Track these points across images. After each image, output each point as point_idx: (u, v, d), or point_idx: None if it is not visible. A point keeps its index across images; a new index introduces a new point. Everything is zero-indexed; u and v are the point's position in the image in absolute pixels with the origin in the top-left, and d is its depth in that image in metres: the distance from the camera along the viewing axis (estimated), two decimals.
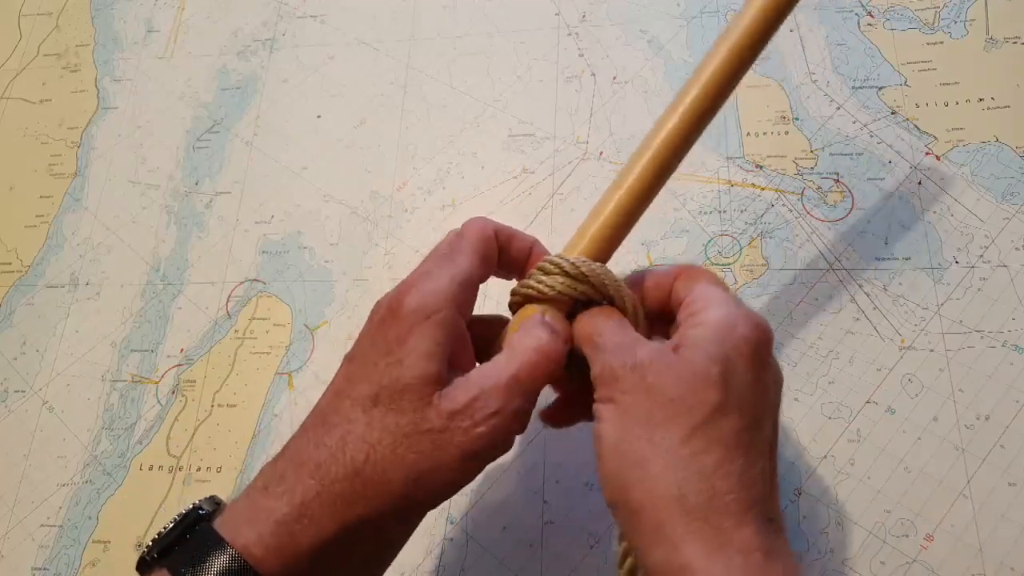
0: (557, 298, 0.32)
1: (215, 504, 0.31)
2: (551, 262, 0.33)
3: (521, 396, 0.30)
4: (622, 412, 0.28)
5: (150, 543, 0.29)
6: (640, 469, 0.27)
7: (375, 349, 0.30)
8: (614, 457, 0.28)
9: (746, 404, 0.28)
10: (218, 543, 0.28)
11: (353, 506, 0.28)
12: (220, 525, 0.29)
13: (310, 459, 0.29)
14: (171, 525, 0.30)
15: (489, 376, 0.30)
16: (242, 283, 0.52)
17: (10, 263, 0.56)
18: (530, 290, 0.33)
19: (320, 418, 0.30)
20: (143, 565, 0.30)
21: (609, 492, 0.28)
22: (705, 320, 0.29)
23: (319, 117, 0.56)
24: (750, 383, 0.28)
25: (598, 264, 0.33)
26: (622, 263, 0.47)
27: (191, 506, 0.30)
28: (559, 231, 0.49)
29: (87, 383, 0.50)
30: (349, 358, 0.31)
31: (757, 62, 0.51)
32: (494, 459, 0.30)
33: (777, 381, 0.30)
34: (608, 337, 0.30)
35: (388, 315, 0.30)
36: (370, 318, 0.32)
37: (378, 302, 0.32)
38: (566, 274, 0.32)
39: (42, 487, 0.48)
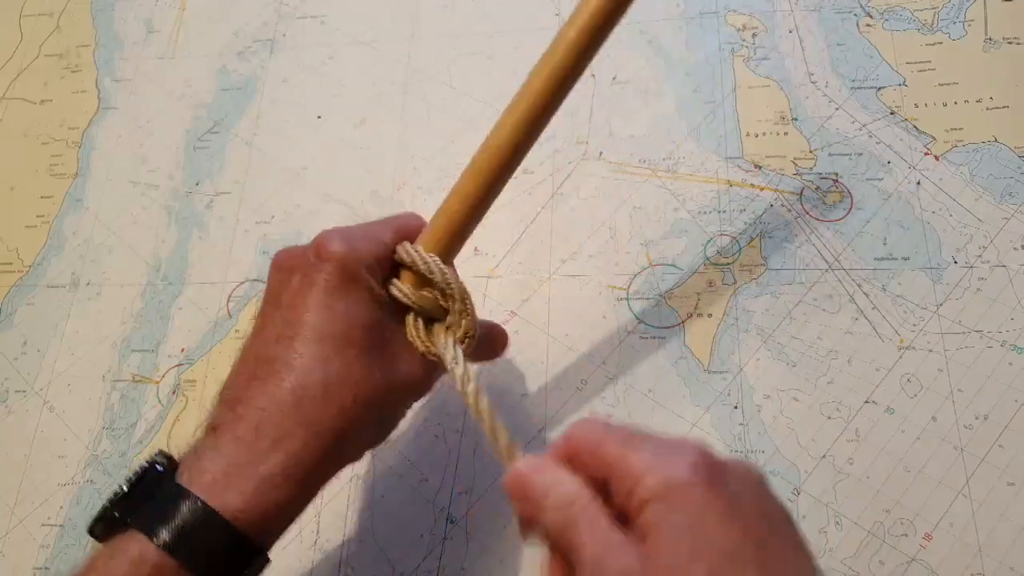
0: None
1: (167, 458, 0.31)
2: (408, 257, 0.34)
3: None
4: None
5: (107, 503, 0.29)
6: None
7: (308, 295, 0.31)
8: None
9: (722, 550, 0.22)
10: (185, 495, 0.28)
11: (337, 451, 0.30)
12: (188, 481, 0.28)
13: (293, 413, 0.30)
14: (128, 484, 0.29)
15: None
16: (242, 283, 0.52)
17: (11, 263, 0.56)
18: (397, 292, 0.34)
19: (267, 365, 0.31)
20: (104, 524, 0.29)
21: None
22: (644, 490, 0.24)
23: (319, 117, 0.56)
24: (704, 527, 0.23)
25: (442, 268, 0.34)
26: (622, 263, 0.47)
27: (144, 463, 0.30)
28: (559, 231, 0.49)
29: (88, 383, 0.50)
30: (272, 299, 0.33)
31: (756, 62, 0.52)
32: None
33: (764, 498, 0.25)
34: (589, 548, 0.24)
35: (315, 260, 0.32)
36: (289, 268, 0.33)
37: (287, 252, 0.34)
38: (420, 278, 0.34)
39: (43, 487, 0.48)
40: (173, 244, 0.54)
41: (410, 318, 0.34)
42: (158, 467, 0.30)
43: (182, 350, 0.50)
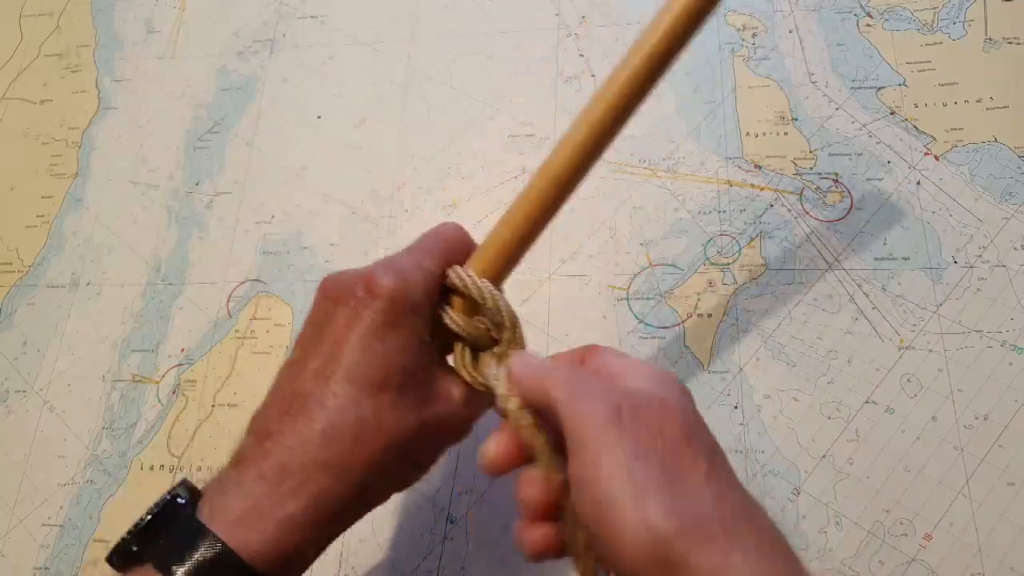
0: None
1: (188, 490, 0.30)
2: (460, 282, 0.33)
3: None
4: (626, 455, 0.26)
5: (127, 535, 0.28)
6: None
7: (351, 333, 0.30)
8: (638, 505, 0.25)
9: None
10: (204, 534, 0.27)
11: (363, 492, 0.30)
12: (208, 517, 0.28)
13: (318, 452, 0.29)
14: (148, 516, 0.28)
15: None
16: (243, 283, 0.52)
17: (11, 263, 0.56)
18: (449, 321, 0.33)
19: (299, 402, 0.30)
20: (121, 556, 0.28)
21: (647, 544, 0.25)
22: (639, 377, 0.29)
23: (319, 117, 0.56)
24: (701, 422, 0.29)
25: (495, 294, 0.33)
26: (622, 263, 0.47)
27: (167, 495, 0.29)
28: (559, 231, 0.49)
29: (88, 383, 0.50)
30: (313, 333, 0.31)
31: (756, 62, 0.52)
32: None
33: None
34: (567, 387, 0.28)
35: (365, 296, 0.30)
36: (336, 298, 0.31)
37: (336, 280, 0.32)
38: (471, 304, 0.33)
39: (43, 487, 0.48)
40: (173, 244, 0.54)
41: (458, 347, 0.33)
42: (179, 499, 0.29)
43: (182, 350, 0.50)
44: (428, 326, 0.32)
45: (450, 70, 0.56)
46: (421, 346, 0.31)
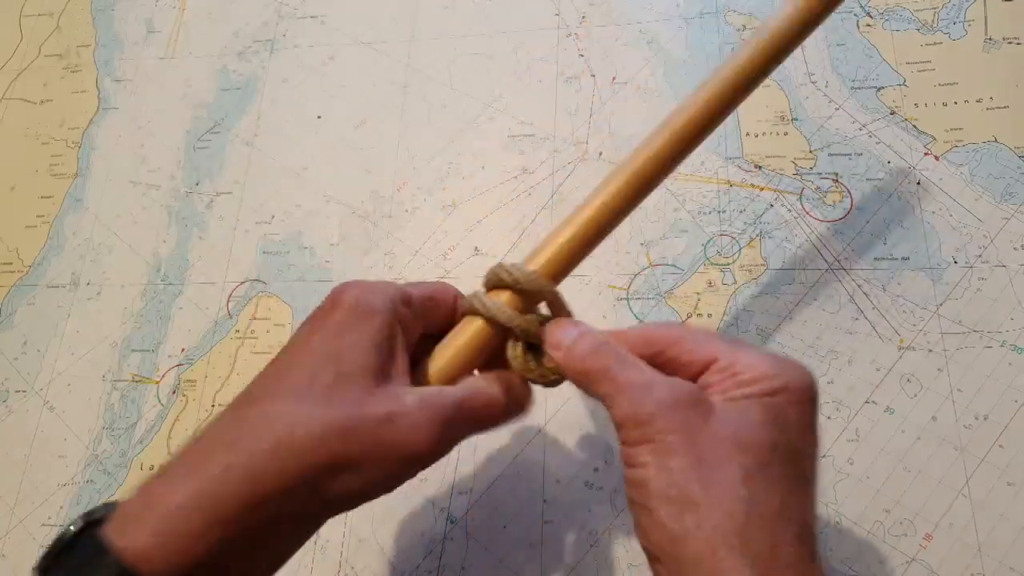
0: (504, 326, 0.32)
1: (111, 508, 0.26)
2: (507, 274, 0.32)
3: (455, 426, 0.29)
4: (665, 454, 0.26)
5: (37, 561, 0.25)
6: (695, 514, 0.25)
7: (312, 337, 0.29)
8: (664, 504, 0.25)
9: (797, 449, 0.26)
10: (99, 552, 0.24)
11: (262, 484, 0.25)
12: (109, 529, 0.25)
13: (224, 435, 0.27)
14: (56, 537, 0.26)
15: (439, 393, 0.29)
16: (243, 283, 0.52)
17: (11, 263, 0.56)
18: (483, 309, 0.32)
19: (243, 398, 0.28)
20: None
21: (657, 542, 0.25)
22: (746, 368, 0.27)
23: (319, 117, 0.56)
24: (801, 428, 0.27)
25: (552, 290, 0.32)
26: (622, 263, 0.47)
27: (82, 513, 0.26)
28: None
29: (88, 383, 0.50)
30: (284, 348, 0.30)
31: None
32: (409, 476, 0.29)
33: (818, 433, 0.28)
34: (626, 374, 0.28)
35: (329, 307, 0.30)
36: (310, 315, 0.31)
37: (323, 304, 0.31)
38: (518, 294, 0.32)
39: (43, 487, 0.48)
40: (173, 244, 0.54)
41: (512, 345, 0.32)
42: (93, 516, 0.26)
43: (182, 350, 0.50)
44: (385, 330, 0.30)
45: (450, 70, 0.56)
46: (372, 348, 0.29)
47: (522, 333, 0.32)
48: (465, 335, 0.32)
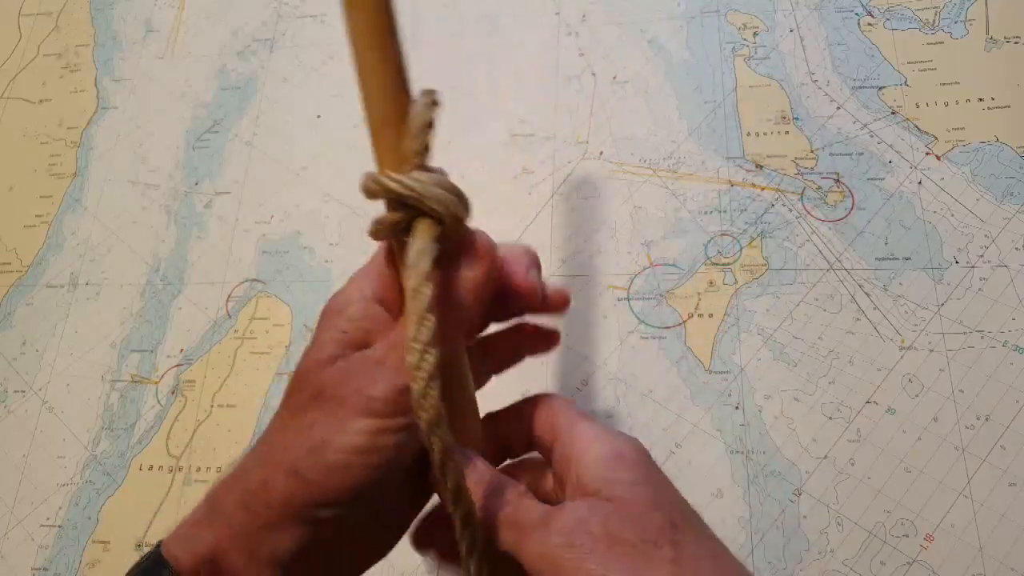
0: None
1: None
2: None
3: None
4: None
5: None
6: None
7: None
8: None
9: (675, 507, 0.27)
10: (161, 564, 0.27)
11: (261, 494, 0.27)
12: (164, 545, 0.28)
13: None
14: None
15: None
16: (242, 283, 0.52)
17: (10, 263, 0.56)
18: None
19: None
20: None
21: None
22: (586, 457, 0.28)
23: (319, 117, 0.56)
24: (664, 484, 0.28)
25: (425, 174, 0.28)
26: (622, 263, 0.47)
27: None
28: (559, 231, 0.49)
29: (87, 383, 0.50)
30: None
31: (757, 61, 0.52)
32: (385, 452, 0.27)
33: None
34: (525, 518, 0.27)
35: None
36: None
37: None
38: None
39: (42, 487, 0.48)
40: (172, 244, 0.54)
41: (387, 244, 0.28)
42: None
43: (181, 350, 0.50)
44: (358, 323, 0.29)
45: (450, 70, 0.56)
46: (326, 346, 0.29)
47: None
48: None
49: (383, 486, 0.28)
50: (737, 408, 0.42)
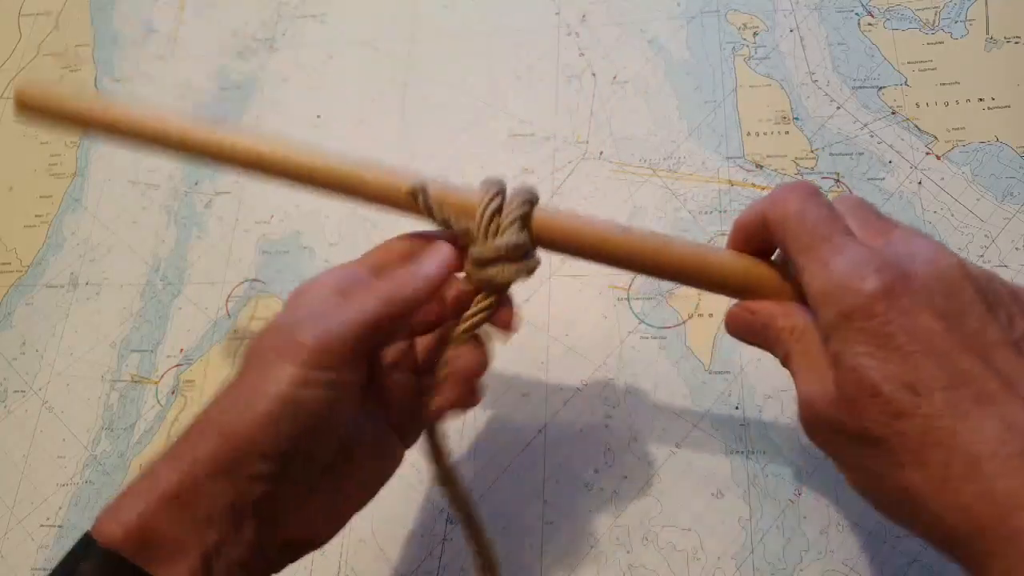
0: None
1: None
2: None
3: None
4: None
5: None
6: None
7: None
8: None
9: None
10: (87, 543, 0.26)
11: (192, 452, 0.27)
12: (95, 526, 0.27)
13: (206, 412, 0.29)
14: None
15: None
16: (242, 283, 0.52)
17: (9, 263, 0.55)
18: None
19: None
20: None
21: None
22: (823, 322, 0.27)
23: (319, 117, 0.56)
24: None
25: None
26: None
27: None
28: None
29: (87, 383, 0.50)
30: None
31: (757, 61, 0.52)
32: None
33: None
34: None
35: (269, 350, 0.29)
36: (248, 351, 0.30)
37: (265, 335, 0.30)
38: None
39: (42, 487, 0.48)
40: (172, 244, 0.54)
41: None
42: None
43: (181, 350, 0.50)
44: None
45: (450, 70, 0.56)
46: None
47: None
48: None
49: (319, 444, 0.28)
50: (737, 408, 0.42)
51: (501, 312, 0.34)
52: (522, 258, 0.32)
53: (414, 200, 0.33)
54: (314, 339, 0.27)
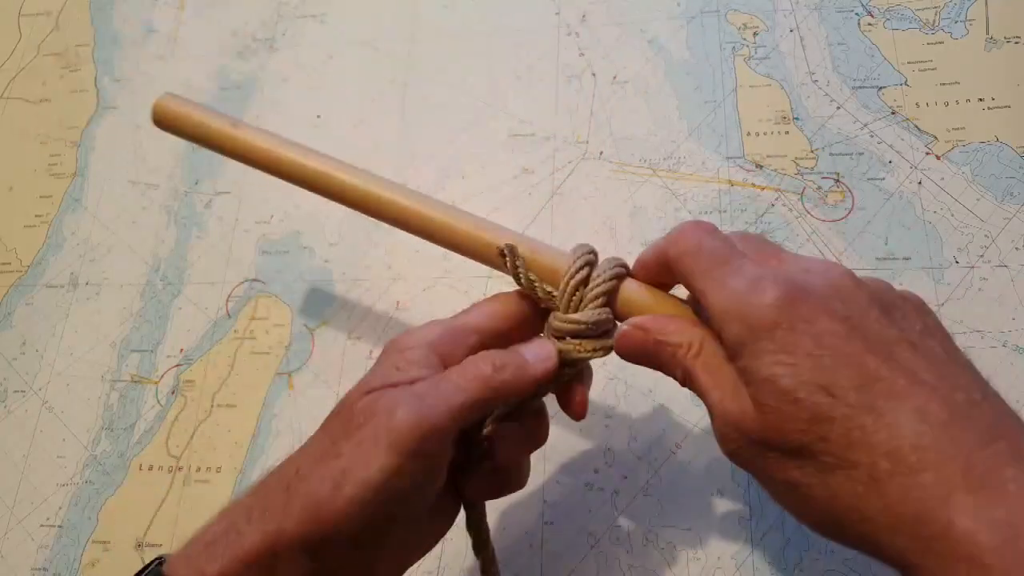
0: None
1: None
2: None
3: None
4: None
5: None
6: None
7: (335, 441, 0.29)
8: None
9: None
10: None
11: (278, 519, 0.27)
12: (168, 566, 0.28)
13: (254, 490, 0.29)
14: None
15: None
16: (242, 283, 0.52)
17: (9, 263, 0.55)
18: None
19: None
20: None
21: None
22: (727, 341, 0.28)
23: (319, 117, 0.56)
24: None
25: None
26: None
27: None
28: (559, 231, 0.49)
29: (87, 383, 0.50)
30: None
31: (757, 61, 0.52)
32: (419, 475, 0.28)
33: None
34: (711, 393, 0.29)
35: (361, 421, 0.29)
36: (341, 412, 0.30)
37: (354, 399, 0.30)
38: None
39: (42, 487, 0.48)
40: (172, 244, 0.54)
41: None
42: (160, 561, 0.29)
43: (181, 350, 0.50)
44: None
45: (450, 70, 0.56)
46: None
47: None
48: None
49: (401, 520, 0.29)
50: None
51: (572, 390, 0.33)
52: (602, 335, 0.32)
53: (502, 259, 0.32)
54: (412, 428, 0.27)
